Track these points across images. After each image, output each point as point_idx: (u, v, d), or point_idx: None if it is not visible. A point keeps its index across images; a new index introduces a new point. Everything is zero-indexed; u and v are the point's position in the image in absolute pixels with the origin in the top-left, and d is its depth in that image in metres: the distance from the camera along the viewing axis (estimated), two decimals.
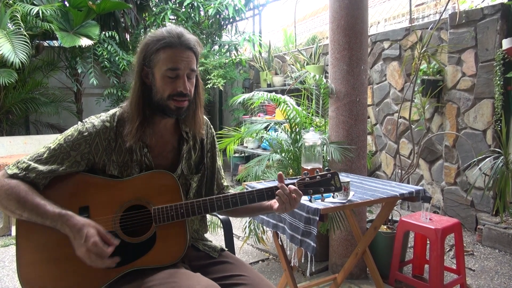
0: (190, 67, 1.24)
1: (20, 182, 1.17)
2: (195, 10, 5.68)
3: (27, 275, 1.18)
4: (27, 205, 1.15)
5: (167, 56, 1.21)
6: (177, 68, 1.21)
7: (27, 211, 1.15)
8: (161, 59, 1.21)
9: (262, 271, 2.81)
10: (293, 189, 1.27)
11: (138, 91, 1.25)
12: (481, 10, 3.39)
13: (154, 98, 1.25)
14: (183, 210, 1.24)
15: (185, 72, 1.23)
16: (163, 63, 1.21)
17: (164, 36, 1.22)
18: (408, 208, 4.22)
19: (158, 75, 1.22)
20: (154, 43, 1.22)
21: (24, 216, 1.16)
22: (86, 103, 5.91)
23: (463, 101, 3.57)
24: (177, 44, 1.21)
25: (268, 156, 2.89)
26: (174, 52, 1.21)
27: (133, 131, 1.24)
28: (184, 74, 1.23)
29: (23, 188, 1.16)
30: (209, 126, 1.50)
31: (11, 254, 3.21)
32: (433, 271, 2.30)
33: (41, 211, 1.15)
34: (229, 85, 6.46)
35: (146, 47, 1.24)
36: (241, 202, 1.27)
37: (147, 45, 1.24)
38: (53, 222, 1.15)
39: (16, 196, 1.15)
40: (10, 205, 1.15)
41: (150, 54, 1.23)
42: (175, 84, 1.22)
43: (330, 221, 2.35)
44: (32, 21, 4.61)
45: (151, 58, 1.23)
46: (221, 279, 1.28)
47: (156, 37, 1.23)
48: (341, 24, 2.51)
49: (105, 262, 1.14)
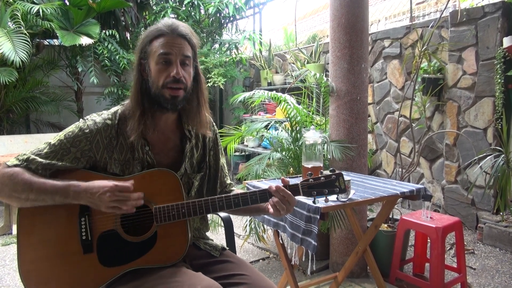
0: (183, 53, 1.24)
1: (23, 169, 1.18)
2: (196, 9, 5.68)
3: (28, 272, 1.18)
4: (34, 185, 1.14)
5: (159, 43, 1.23)
6: (169, 53, 1.22)
7: (34, 191, 1.14)
8: (154, 47, 1.24)
9: (263, 270, 2.82)
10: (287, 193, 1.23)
11: (137, 85, 1.27)
12: (482, 8, 3.38)
13: (151, 90, 1.25)
14: (184, 210, 1.23)
15: (177, 58, 1.23)
16: (156, 50, 1.23)
17: (157, 27, 1.25)
18: (408, 206, 4.22)
19: (153, 64, 1.24)
20: (148, 35, 1.26)
21: (31, 198, 1.15)
22: (86, 102, 5.91)
23: (464, 99, 3.56)
24: (169, 31, 1.23)
25: (268, 155, 2.89)
26: (165, 39, 1.23)
27: (135, 124, 1.24)
28: (177, 60, 1.23)
29: (27, 173, 1.17)
30: (212, 124, 1.48)
31: (12, 253, 3.21)
32: (434, 270, 2.30)
33: (49, 186, 1.15)
34: (229, 84, 6.46)
35: (142, 41, 1.27)
36: (243, 203, 1.26)
37: (142, 38, 1.27)
38: (64, 193, 1.15)
39: (21, 178, 1.15)
40: (16, 188, 1.14)
41: (145, 46, 1.25)
42: (168, 70, 1.23)
43: (331, 220, 2.35)
44: (33, 19, 4.61)
45: (146, 49, 1.25)
46: (222, 278, 1.28)
47: (151, 29, 1.27)
48: (341, 22, 2.51)
49: (133, 195, 1.15)
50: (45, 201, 1.16)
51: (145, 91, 1.26)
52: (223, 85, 5.60)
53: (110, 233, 1.21)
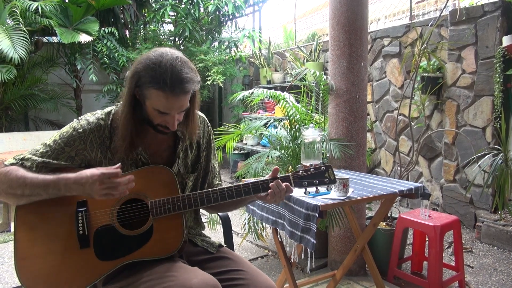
0: (183, 109, 1.22)
1: (18, 167, 1.21)
2: (195, 7, 5.66)
3: (24, 268, 1.19)
4: (27, 180, 1.16)
5: (159, 100, 1.16)
6: (168, 113, 1.20)
7: (28, 186, 1.16)
8: (153, 98, 1.17)
9: (261, 268, 2.82)
10: (285, 184, 1.30)
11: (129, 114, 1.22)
12: (481, 7, 3.38)
13: (144, 115, 1.24)
14: (179, 203, 1.26)
15: (176, 113, 1.21)
16: (154, 103, 1.18)
17: (157, 76, 1.13)
18: (407, 205, 4.22)
19: (149, 106, 1.20)
20: (146, 78, 1.15)
21: (27, 193, 1.17)
22: (85, 99, 5.90)
23: (463, 98, 3.57)
24: (170, 91, 1.14)
25: (267, 153, 2.89)
26: (166, 98, 1.15)
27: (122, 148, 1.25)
28: (175, 114, 1.21)
29: (22, 170, 1.20)
30: (206, 124, 1.48)
31: (11, 250, 3.21)
32: (432, 268, 2.30)
33: (40, 180, 1.16)
34: (228, 82, 6.45)
35: (138, 78, 1.17)
36: (237, 195, 1.29)
37: (138, 75, 1.17)
38: (56, 185, 1.16)
39: (15, 174, 1.17)
40: (12, 184, 1.16)
41: (142, 86, 1.17)
42: (164, 119, 1.22)
43: (329, 218, 2.35)
44: (31, 16, 4.59)
45: (142, 89, 1.18)
46: (219, 274, 1.29)
47: (149, 74, 1.15)
48: (341, 20, 2.51)
49: (122, 180, 1.14)
50: (40, 195, 1.17)
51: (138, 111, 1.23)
52: (223, 83, 5.60)
53: (106, 227, 1.23)
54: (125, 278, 1.23)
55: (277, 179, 1.30)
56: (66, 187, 1.16)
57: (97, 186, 1.12)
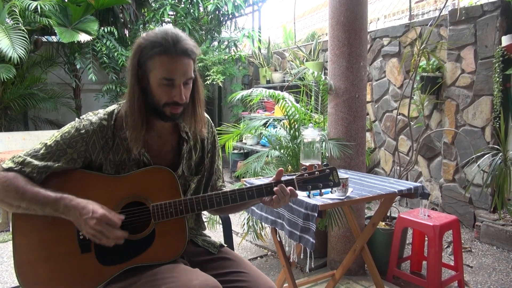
0: (187, 76, 1.20)
1: (17, 174, 1.16)
2: (194, 6, 5.66)
3: (25, 273, 1.18)
4: (26, 194, 1.13)
5: (163, 64, 1.16)
6: (173, 79, 1.18)
7: (26, 200, 1.13)
8: (157, 66, 1.17)
9: (261, 267, 2.82)
10: (290, 189, 1.28)
11: (139, 98, 1.21)
12: (480, 6, 3.38)
13: (150, 102, 1.22)
14: (182, 207, 1.22)
15: (181, 81, 1.19)
16: (159, 71, 1.17)
17: (159, 41, 1.16)
18: (406, 205, 4.23)
19: (154, 81, 1.19)
20: (149, 48, 1.17)
21: (23, 207, 1.14)
22: (85, 99, 5.89)
23: (462, 98, 3.57)
24: (173, 51, 1.15)
25: (267, 153, 2.89)
26: (170, 60, 1.16)
27: (140, 139, 1.22)
28: (181, 83, 1.19)
29: (21, 179, 1.15)
30: (210, 125, 1.46)
31: (10, 250, 3.19)
32: (431, 268, 2.31)
33: (41, 197, 1.14)
34: (228, 82, 6.45)
35: (140, 51, 1.19)
36: (240, 199, 1.26)
37: (141, 48, 1.18)
38: (54, 206, 1.14)
39: (14, 187, 1.14)
40: (9, 196, 1.14)
41: (145, 59, 1.18)
42: (171, 93, 1.19)
43: (329, 218, 2.35)
44: (31, 16, 4.59)
45: (145, 63, 1.18)
46: (220, 275, 1.28)
47: (151, 41, 1.17)
48: (340, 20, 2.51)
49: (116, 233, 1.13)
50: (36, 211, 1.15)
51: (144, 101, 1.22)
52: (222, 83, 5.60)
53: None
54: (126, 279, 1.21)
55: (281, 183, 1.27)
56: (65, 209, 1.14)
57: (92, 224, 1.11)
